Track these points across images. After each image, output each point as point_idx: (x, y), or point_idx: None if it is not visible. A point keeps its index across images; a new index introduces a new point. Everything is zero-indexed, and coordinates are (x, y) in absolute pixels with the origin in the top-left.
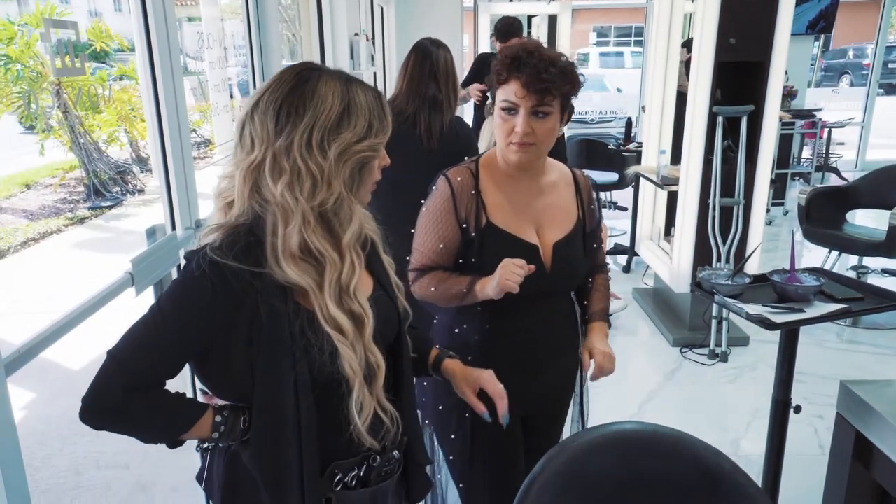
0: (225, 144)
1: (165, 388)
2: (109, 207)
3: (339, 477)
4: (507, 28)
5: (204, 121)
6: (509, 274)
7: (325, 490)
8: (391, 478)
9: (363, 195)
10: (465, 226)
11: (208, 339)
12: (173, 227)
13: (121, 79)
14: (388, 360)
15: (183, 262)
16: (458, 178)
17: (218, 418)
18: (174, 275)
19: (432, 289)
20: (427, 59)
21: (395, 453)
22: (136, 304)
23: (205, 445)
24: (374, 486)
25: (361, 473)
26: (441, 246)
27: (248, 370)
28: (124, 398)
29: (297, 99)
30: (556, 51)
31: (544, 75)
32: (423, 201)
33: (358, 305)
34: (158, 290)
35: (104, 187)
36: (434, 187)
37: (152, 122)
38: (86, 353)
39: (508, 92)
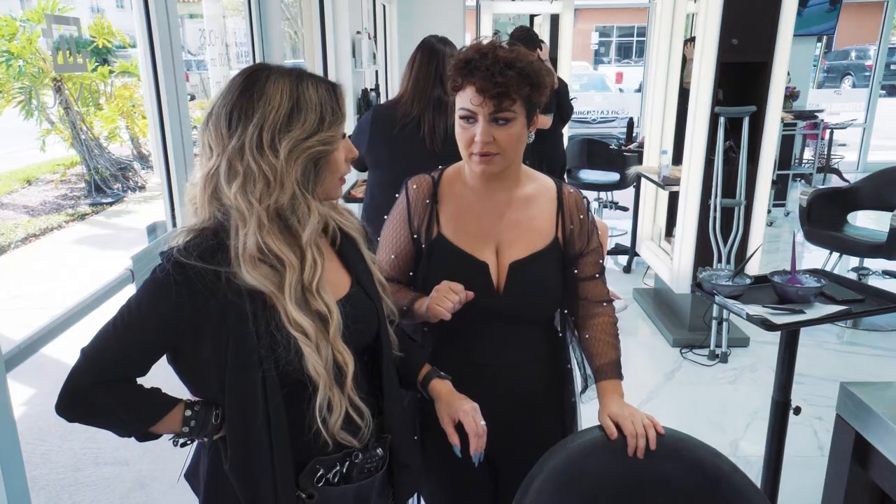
0: None
1: (136, 383)
2: (110, 204)
3: (320, 472)
4: (523, 39)
5: None
6: (441, 299)
7: (306, 486)
8: (375, 475)
9: (327, 190)
10: (416, 236)
11: (174, 339)
12: (174, 224)
13: (124, 73)
14: (368, 359)
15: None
16: (415, 187)
17: (188, 413)
18: None
19: None
20: (433, 60)
21: (379, 451)
22: None
23: (181, 440)
24: (356, 482)
25: (344, 470)
26: (393, 256)
27: (215, 369)
28: (92, 393)
29: (245, 101)
30: (518, 49)
31: (499, 78)
32: None
33: (322, 304)
34: None
35: (105, 184)
36: (397, 195)
37: (154, 119)
38: None
39: (464, 99)
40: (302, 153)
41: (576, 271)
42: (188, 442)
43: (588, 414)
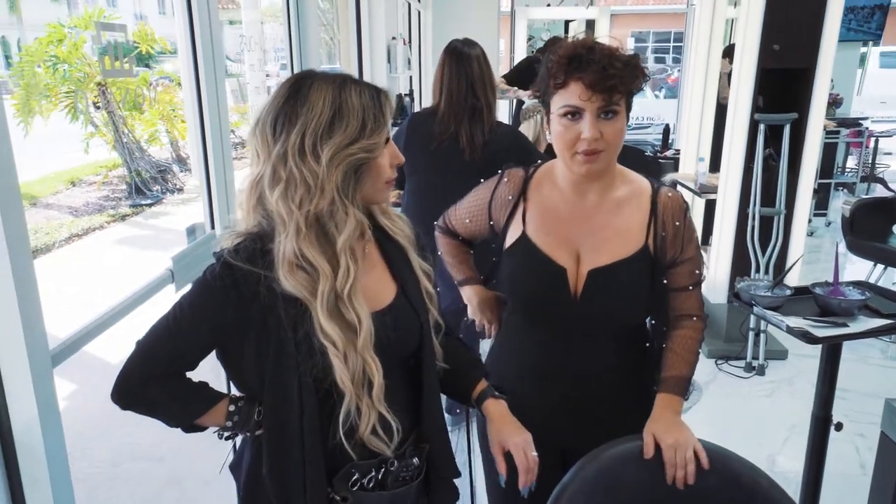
0: None
1: (185, 377)
2: (150, 205)
3: (355, 477)
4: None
5: (242, 122)
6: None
7: (340, 489)
8: (410, 484)
9: (368, 195)
10: (492, 223)
11: (222, 338)
12: (212, 226)
13: (164, 78)
14: (414, 364)
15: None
16: (505, 180)
17: (232, 408)
18: None
19: (440, 252)
20: (462, 69)
21: (415, 460)
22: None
23: (226, 434)
24: (391, 490)
25: (379, 476)
26: (468, 221)
27: (257, 370)
28: (143, 383)
29: (289, 108)
30: (611, 42)
31: (611, 71)
32: None
33: (352, 313)
34: None
35: (145, 186)
36: (500, 171)
37: (194, 124)
38: (126, 346)
39: (569, 96)
40: (343, 160)
41: (665, 281)
42: (232, 436)
43: None
